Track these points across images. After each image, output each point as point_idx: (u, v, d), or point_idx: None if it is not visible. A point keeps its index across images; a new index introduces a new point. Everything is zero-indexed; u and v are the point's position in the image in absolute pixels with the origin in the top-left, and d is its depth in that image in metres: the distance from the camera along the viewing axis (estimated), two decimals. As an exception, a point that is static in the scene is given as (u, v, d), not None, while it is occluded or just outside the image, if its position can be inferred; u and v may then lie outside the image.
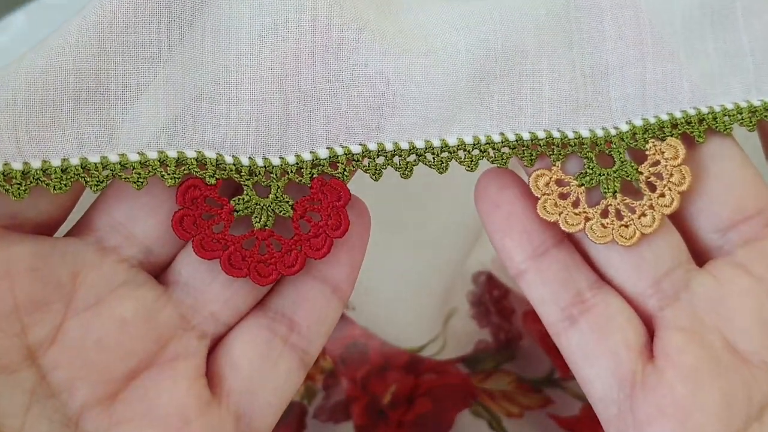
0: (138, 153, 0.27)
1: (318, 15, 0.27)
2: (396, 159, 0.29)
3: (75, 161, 0.26)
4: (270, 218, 0.28)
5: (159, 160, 0.27)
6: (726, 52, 0.31)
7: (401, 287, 0.44)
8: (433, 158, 0.29)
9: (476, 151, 0.29)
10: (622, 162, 0.30)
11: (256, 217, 0.28)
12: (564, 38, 0.30)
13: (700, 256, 0.31)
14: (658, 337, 0.29)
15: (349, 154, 0.28)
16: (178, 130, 0.27)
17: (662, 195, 0.30)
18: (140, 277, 0.28)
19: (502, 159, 0.29)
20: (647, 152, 0.30)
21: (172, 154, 0.27)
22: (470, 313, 0.46)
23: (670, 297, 0.29)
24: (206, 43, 0.27)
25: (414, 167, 0.29)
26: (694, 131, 0.30)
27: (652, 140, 0.30)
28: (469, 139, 0.29)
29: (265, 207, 0.28)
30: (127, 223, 0.28)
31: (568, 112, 0.30)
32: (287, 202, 0.28)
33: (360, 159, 0.29)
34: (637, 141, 0.30)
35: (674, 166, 0.30)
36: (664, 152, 0.30)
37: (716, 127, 0.30)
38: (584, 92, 0.30)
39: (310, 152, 0.28)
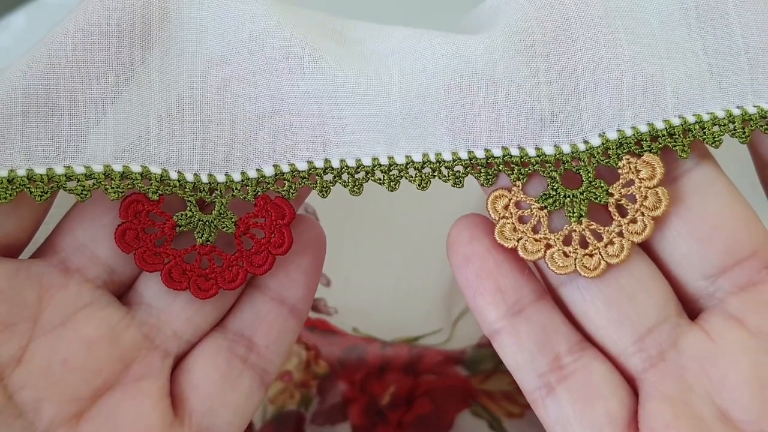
0: (83, 166, 0.27)
1: (255, 36, 0.28)
2: (345, 176, 0.29)
3: (21, 172, 0.27)
4: (212, 234, 0.29)
5: (104, 173, 0.27)
6: (717, 50, 0.28)
7: (404, 282, 0.45)
8: (383, 176, 0.28)
9: (428, 170, 0.28)
10: (590, 182, 0.27)
11: (199, 232, 0.29)
12: (523, 42, 0.27)
13: (687, 306, 0.28)
14: (642, 408, 0.26)
15: (296, 171, 0.29)
16: (125, 147, 0.28)
17: (633, 221, 0.27)
18: (105, 298, 0.29)
19: (456, 178, 0.27)
20: (620, 170, 0.27)
21: (117, 168, 0.28)
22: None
23: (654, 357, 0.27)
24: (155, 65, 0.28)
25: (363, 184, 0.29)
26: (677, 145, 0.27)
27: (627, 156, 0.27)
28: (417, 158, 0.28)
29: (207, 222, 0.29)
30: (90, 243, 0.28)
31: (529, 125, 0.27)
32: (230, 218, 0.29)
33: (307, 176, 0.29)
34: (609, 158, 0.27)
35: (649, 188, 0.26)
36: (639, 171, 0.27)
37: (704, 139, 0.27)
38: (549, 101, 0.27)
39: (256, 170, 0.29)
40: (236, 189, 0.28)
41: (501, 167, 0.27)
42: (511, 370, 0.28)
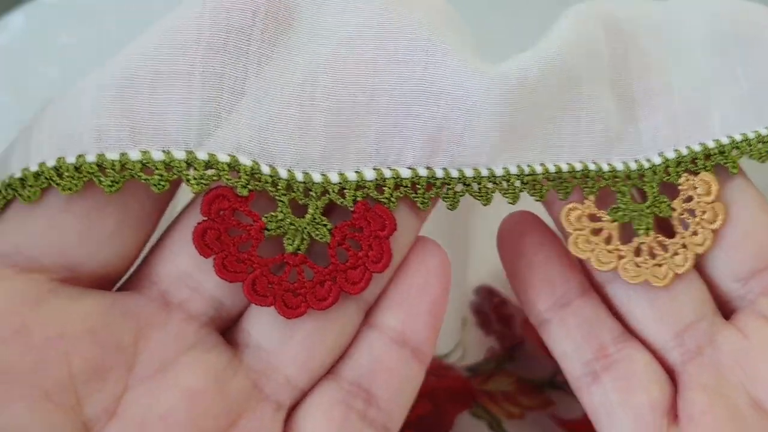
0: (162, 151, 0.23)
1: (385, 21, 0.25)
2: (445, 188, 0.26)
3: (91, 158, 0.22)
4: (304, 242, 0.24)
5: (186, 161, 0.23)
6: (756, 79, 0.30)
7: None
8: (479, 188, 0.26)
9: (518, 183, 0.27)
10: (655, 197, 0.28)
11: (289, 238, 0.24)
12: (598, 64, 0.28)
13: (722, 306, 0.30)
14: (681, 397, 0.28)
15: (398, 178, 0.25)
16: (211, 129, 0.23)
17: (695, 233, 0.28)
18: (210, 339, 0.24)
19: (541, 192, 0.27)
20: (680, 187, 0.29)
21: (201, 155, 0.23)
22: (474, 321, 0.45)
23: (692, 351, 0.28)
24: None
25: (461, 198, 0.26)
26: (728, 162, 0.29)
27: (685, 174, 0.29)
28: (514, 170, 0.27)
29: (300, 228, 0.24)
30: (195, 272, 0.24)
31: (602, 143, 0.28)
32: (325, 225, 0.25)
33: (409, 186, 0.25)
34: (669, 175, 0.29)
35: (707, 203, 0.28)
36: (696, 188, 0.29)
37: (751, 155, 0.29)
38: (617, 122, 0.28)
39: (356, 172, 0.25)
40: (333, 192, 0.25)
41: (579, 181, 0.28)
42: (557, 357, 0.29)
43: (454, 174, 0.26)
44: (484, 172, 0.26)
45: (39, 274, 0.22)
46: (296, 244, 0.24)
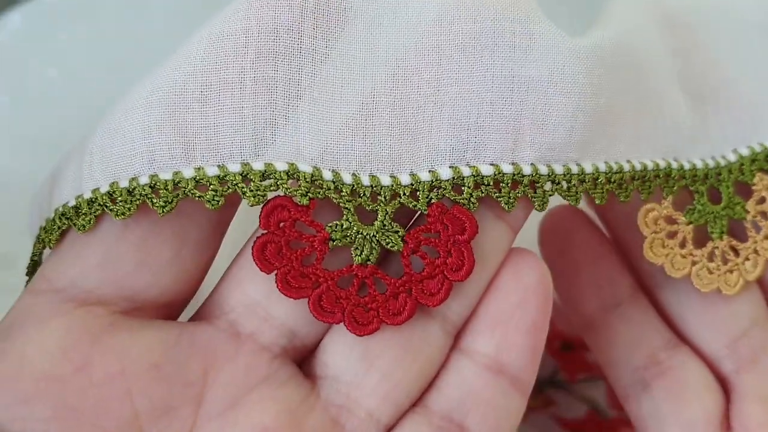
0: (217, 166, 0.21)
1: (446, 3, 0.22)
2: (533, 186, 0.23)
3: (144, 180, 0.21)
4: (374, 251, 0.22)
5: (241, 174, 0.21)
6: None
7: None
8: (569, 187, 0.23)
9: (602, 179, 0.24)
10: (730, 198, 0.27)
11: (357, 248, 0.22)
12: (659, 56, 0.26)
13: None
14: (735, 408, 0.26)
15: (478, 176, 0.23)
16: (267, 138, 0.22)
17: (767, 237, 0.27)
18: (284, 371, 0.22)
19: (627, 192, 0.24)
20: (754, 187, 0.27)
21: (257, 166, 0.22)
22: None
23: (747, 360, 0.27)
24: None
25: (550, 198, 0.23)
26: None
27: (759, 173, 0.27)
28: (602, 167, 0.24)
29: (368, 237, 0.22)
30: (265, 300, 0.22)
31: (683, 138, 0.26)
32: (396, 232, 0.22)
33: (491, 183, 0.23)
34: (743, 174, 0.27)
35: None
36: None
37: None
38: (689, 118, 0.26)
39: (429, 171, 0.23)
40: (404, 195, 0.22)
41: (661, 180, 0.25)
42: (603, 364, 0.28)
43: (543, 170, 0.23)
44: (575, 169, 0.23)
45: (98, 307, 0.21)
46: (365, 255, 0.22)
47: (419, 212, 0.23)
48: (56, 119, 0.34)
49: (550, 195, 0.23)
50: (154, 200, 0.21)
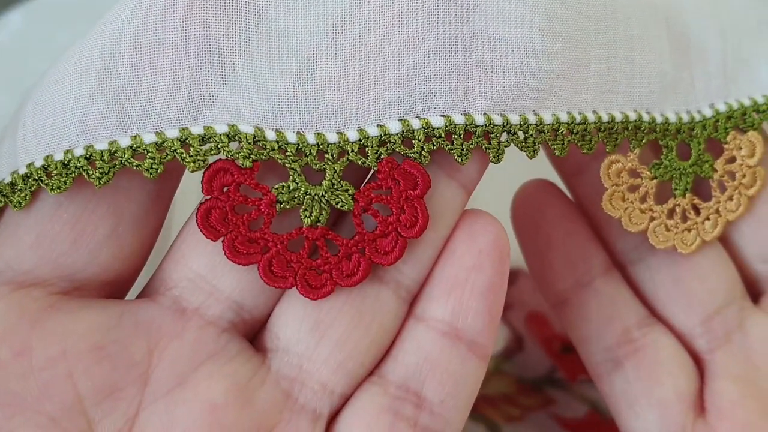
0: (154, 132, 0.21)
1: None
2: (488, 138, 0.22)
3: (79, 151, 0.21)
4: (324, 212, 0.22)
5: (180, 139, 0.21)
6: None
7: None
8: (525, 138, 0.22)
9: (564, 131, 0.23)
10: (699, 155, 0.26)
11: (306, 210, 0.22)
12: (647, 0, 0.25)
13: (748, 288, 0.27)
14: (709, 387, 0.26)
15: (429, 128, 0.22)
16: (204, 100, 0.21)
17: (730, 198, 0.26)
18: (232, 346, 0.22)
19: (591, 144, 0.24)
20: (726, 146, 0.26)
21: (196, 129, 0.21)
22: None
23: (721, 338, 0.26)
24: None
25: (505, 149, 0.22)
26: None
27: (733, 132, 0.26)
28: (564, 117, 0.23)
29: (317, 197, 0.21)
30: (209, 274, 0.22)
31: (657, 90, 0.25)
32: (346, 190, 0.22)
33: (442, 135, 0.22)
34: (718, 131, 0.26)
35: (748, 167, 0.26)
36: (741, 148, 0.26)
37: None
38: (672, 65, 0.25)
39: (377, 126, 0.22)
40: (352, 152, 0.22)
41: (630, 133, 0.24)
42: (575, 342, 0.27)
43: (498, 120, 0.22)
44: (532, 119, 0.23)
45: (36, 288, 0.21)
46: (315, 216, 0.22)
47: (372, 171, 0.22)
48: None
49: (506, 146, 0.22)
50: (90, 172, 0.20)
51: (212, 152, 0.21)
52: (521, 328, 0.43)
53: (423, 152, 0.22)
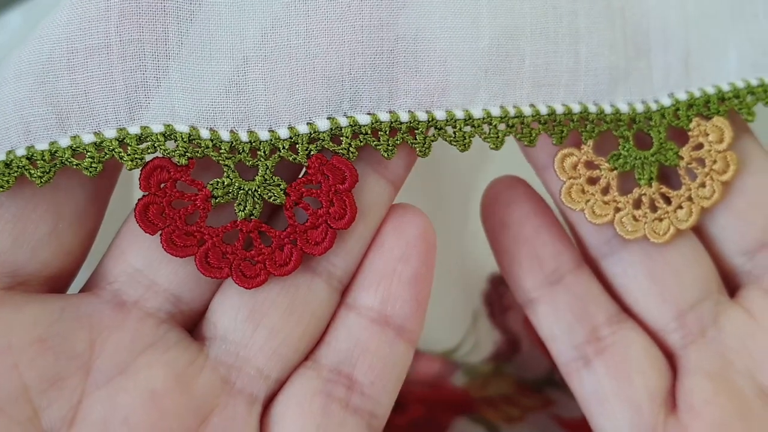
0: (93, 133, 0.22)
1: None
2: (413, 133, 0.24)
3: (21, 152, 0.22)
4: (257, 205, 0.23)
5: (118, 139, 0.22)
6: None
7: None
8: (454, 133, 0.24)
9: (503, 126, 0.24)
10: (661, 144, 0.26)
11: (240, 204, 0.23)
12: None
13: (725, 281, 0.27)
14: (681, 383, 0.25)
15: (356, 125, 0.23)
16: (140, 102, 0.22)
17: (702, 185, 0.26)
18: (171, 336, 0.23)
19: (531, 136, 0.24)
20: (690, 133, 0.26)
21: (133, 130, 0.22)
22: (486, 312, 0.42)
23: (695, 333, 0.26)
24: None
25: (432, 143, 0.24)
26: (743, 108, 0.26)
27: (697, 119, 0.26)
28: (496, 111, 0.24)
29: (250, 192, 0.23)
30: (147, 268, 0.23)
31: (606, 81, 0.25)
32: (278, 185, 0.23)
33: (369, 132, 0.23)
34: (679, 119, 0.26)
35: (718, 152, 0.26)
36: (708, 134, 0.26)
37: (767, 102, 0.26)
38: (625, 57, 0.25)
39: (307, 123, 0.23)
40: (283, 149, 0.23)
41: (576, 124, 0.25)
42: (546, 340, 0.27)
43: (422, 117, 0.23)
44: (459, 114, 0.24)
45: None
46: (248, 209, 0.23)
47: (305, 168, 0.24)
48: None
49: (432, 140, 0.24)
50: (32, 171, 0.21)
51: (149, 151, 0.22)
52: (520, 330, 0.43)
53: (351, 148, 0.23)
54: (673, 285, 0.26)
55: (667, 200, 0.26)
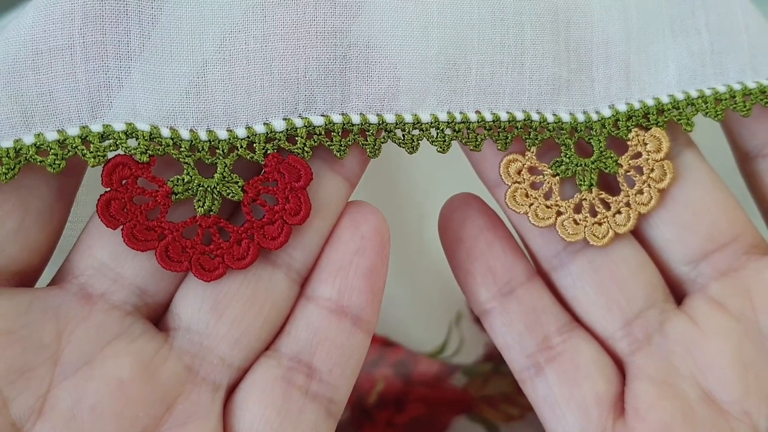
0: (56, 131, 0.23)
1: None
2: (364, 135, 0.25)
3: None
4: (216, 202, 0.24)
5: (80, 137, 0.23)
6: (720, 28, 0.28)
7: (406, 289, 0.41)
8: (403, 136, 0.25)
9: (449, 131, 0.26)
10: (602, 152, 0.27)
11: (199, 200, 0.24)
12: (548, 5, 0.26)
13: (671, 290, 0.28)
14: (628, 388, 0.26)
15: (310, 126, 0.24)
16: (102, 101, 0.23)
17: (640, 192, 0.27)
18: (136, 327, 0.24)
19: (476, 141, 0.26)
20: (629, 143, 0.27)
21: (95, 128, 0.23)
22: (470, 317, 0.43)
23: (641, 341, 0.27)
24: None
25: (382, 145, 0.25)
26: (682, 118, 0.27)
27: (636, 129, 0.27)
28: (443, 116, 0.25)
29: (209, 189, 0.24)
30: (113, 262, 0.24)
31: (549, 91, 0.26)
32: (236, 182, 0.24)
33: (322, 133, 0.24)
34: (619, 129, 0.27)
35: (656, 161, 0.27)
36: (647, 144, 0.27)
37: (707, 113, 0.27)
38: (567, 69, 0.27)
39: (264, 124, 0.24)
40: (241, 147, 0.24)
41: (520, 131, 0.26)
42: (500, 349, 0.27)
43: (373, 119, 0.25)
44: (408, 118, 0.25)
45: None
46: (207, 205, 0.24)
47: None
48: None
49: (382, 142, 0.25)
50: None
51: (111, 148, 0.23)
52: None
53: (305, 148, 0.24)
54: (619, 295, 0.27)
55: (607, 206, 0.27)
